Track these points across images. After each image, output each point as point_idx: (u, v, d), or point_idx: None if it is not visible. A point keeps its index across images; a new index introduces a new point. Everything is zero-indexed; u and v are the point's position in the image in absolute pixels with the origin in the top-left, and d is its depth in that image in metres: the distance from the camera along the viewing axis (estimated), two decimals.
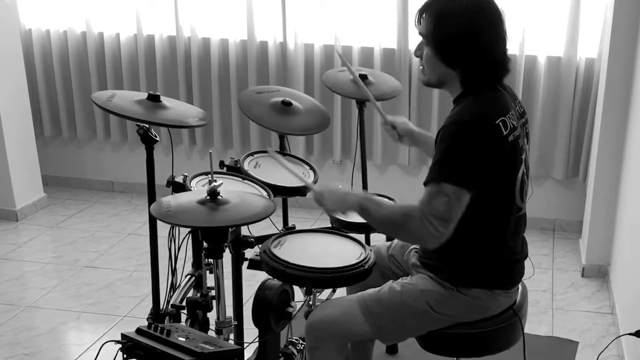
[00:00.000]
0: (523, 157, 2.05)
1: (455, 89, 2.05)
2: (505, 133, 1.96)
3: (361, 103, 3.12)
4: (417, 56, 2.07)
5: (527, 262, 2.23)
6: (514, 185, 2.03)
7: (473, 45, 1.95)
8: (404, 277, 2.20)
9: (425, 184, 1.93)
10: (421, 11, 2.00)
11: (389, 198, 2.83)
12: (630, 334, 2.61)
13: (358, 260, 2.16)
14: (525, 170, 2.07)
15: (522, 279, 2.23)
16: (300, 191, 2.61)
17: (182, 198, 2.13)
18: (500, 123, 1.95)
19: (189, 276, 2.72)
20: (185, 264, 2.74)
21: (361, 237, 2.57)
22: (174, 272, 2.69)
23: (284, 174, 2.65)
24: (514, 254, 2.14)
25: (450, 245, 2.05)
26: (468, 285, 2.09)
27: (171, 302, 2.61)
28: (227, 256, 2.22)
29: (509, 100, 2.05)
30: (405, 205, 2.00)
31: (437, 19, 1.96)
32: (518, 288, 2.23)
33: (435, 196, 1.90)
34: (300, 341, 2.59)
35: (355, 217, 2.64)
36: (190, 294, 2.66)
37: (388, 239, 2.84)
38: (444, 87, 2.07)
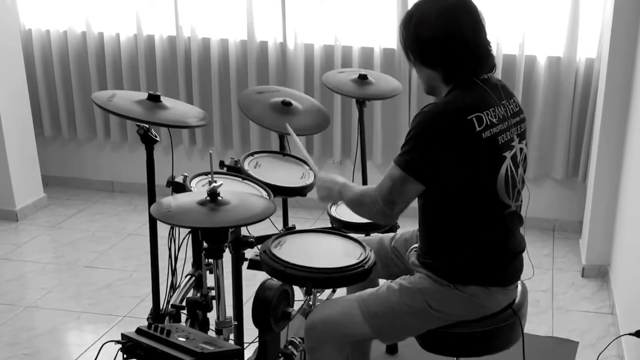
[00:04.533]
0: (507, 154, 2.05)
1: (443, 90, 2.09)
2: (478, 129, 1.97)
3: (361, 103, 3.12)
4: (412, 67, 2.13)
5: (527, 263, 2.23)
6: (494, 182, 2.03)
7: (442, 43, 1.99)
8: (402, 277, 2.20)
9: (393, 161, 2.06)
10: (399, 25, 2.09)
11: None
12: (630, 334, 2.61)
13: (358, 261, 2.16)
14: (513, 168, 2.07)
15: (522, 279, 2.23)
16: (300, 191, 2.61)
17: (182, 199, 2.13)
18: (474, 119, 1.97)
19: (189, 276, 2.72)
20: (185, 264, 2.74)
21: (361, 237, 2.58)
22: (174, 272, 2.69)
23: (284, 174, 2.66)
24: (508, 250, 2.14)
25: (445, 243, 2.11)
26: (465, 282, 2.10)
27: (171, 302, 2.61)
28: (227, 256, 2.22)
29: (492, 97, 2.05)
30: (367, 187, 2.16)
31: (407, 26, 2.05)
32: (517, 286, 2.23)
33: (387, 178, 2.05)
34: (300, 341, 2.59)
35: (354, 217, 2.65)
36: (190, 294, 2.67)
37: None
38: (437, 92, 2.11)
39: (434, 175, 2.00)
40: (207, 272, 2.57)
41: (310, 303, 2.22)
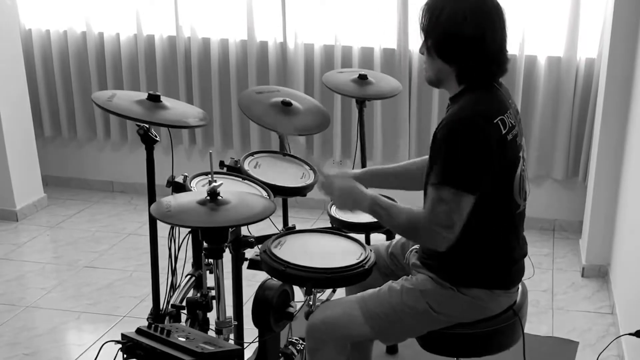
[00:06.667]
0: (521, 154, 2.06)
1: (452, 86, 2.06)
2: (504, 132, 1.97)
3: (361, 103, 3.12)
4: (421, 53, 2.09)
5: (527, 262, 2.23)
6: (512, 183, 2.03)
7: (468, 43, 1.96)
8: (404, 277, 2.20)
9: (431, 185, 1.95)
10: (423, 7, 2.03)
11: (389, 198, 2.83)
12: (630, 334, 2.61)
13: (358, 260, 2.16)
14: (524, 168, 2.08)
15: (522, 279, 2.23)
16: (300, 191, 2.61)
17: (182, 198, 2.13)
18: (499, 122, 1.96)
19: (189, 276, 2.72)
20: (185, 264, 2.74)
21: (361, 237, 2.58)
22: (174, 272, 2.69)
23: (284, 174, 2.66)
24: (513, 253, 2.14)
25: (453, 245, 2.06)
26: (468, 285, 2.09)
27: (171, 302, 2.61)
28: (227, 256, 2.22)
29: (506, 99, 2.06)
30: (411, 213, 2.01)
31: (434, 15, 1.99)
32: (518, 288, 2.23)
33: (436, 204, 1.93)
34: (300, 341, 2.59)
35: (354, 217, 2.66)
36: (190, 294, 2.67)
37: (388, 238, 2.84)
38: (442, 85, 2.09)
39: (484, 182, 1.94)
40: (207, 272, 2.57)
41: (311, 303, 2.22)
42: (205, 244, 2.14)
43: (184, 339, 1.76)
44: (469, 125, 1.93)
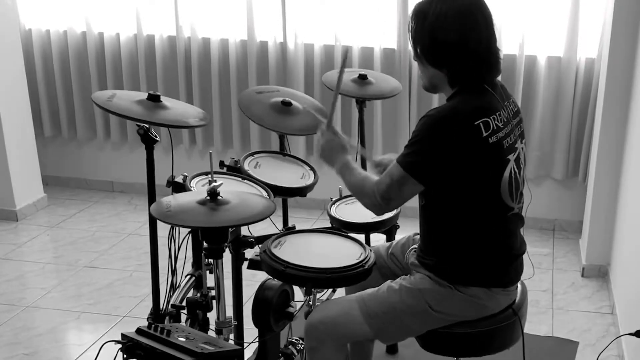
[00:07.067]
0: (511, 157, 2.05)
1: (447, 90, 2.09)
2: (485, 134, 1.97)
3: (361, 102, 3.12)
4: (415, 61, 2.11)
5: (527, 263, 2.23)
6: (498, 185, 2.03)
7: (453, 47, 1.98)
8: (402, 277, 2.20)
9: (395, 160, 2.05)
10: (410, 15, 2.06)
11: None
12: (630, 334, 2.61)
13: (358, 261, 2.16)
14: (516, 170, 2.07)
15: (522, 278, 2.23)
16: (301, 191, 2.61)
17: (182, 198, 2.13)
18: (481, 124, 1.96)
19: (189, 276, 2.72)
20: (185, 264, 2.74)
21: (361, 237, 2.58)
22: (174, 272, 2.69)
23: (284, 174, 2.66)
24: (510, 252, 2.14)
25: (446, 244, 2.10)
26: (466, 283, 2.10)
27: (171, 302, 2.61)
28: (227, 256, 2.22)
29: (497, 100, 2.05)
30: (368, 177, 2.14)
31: (419, 22, 2.01)
32: (517, 287, 2.23)
33: (386, 175, 2.05)
34: (300, 341, 2.59)
35: (354, 217, 2.66)
36: (190, 294, 2.67)
37: (388, 239, 2.85)
38: (438, 90, 2.12)
39: (435, 177, 2.00)
40: (207, 272, 2.57)
41: (310, 303, 2.22)
42: (205, 244, 2.14)
43: (183, 339, 1.77)
44: (442, 122, 1.97)
